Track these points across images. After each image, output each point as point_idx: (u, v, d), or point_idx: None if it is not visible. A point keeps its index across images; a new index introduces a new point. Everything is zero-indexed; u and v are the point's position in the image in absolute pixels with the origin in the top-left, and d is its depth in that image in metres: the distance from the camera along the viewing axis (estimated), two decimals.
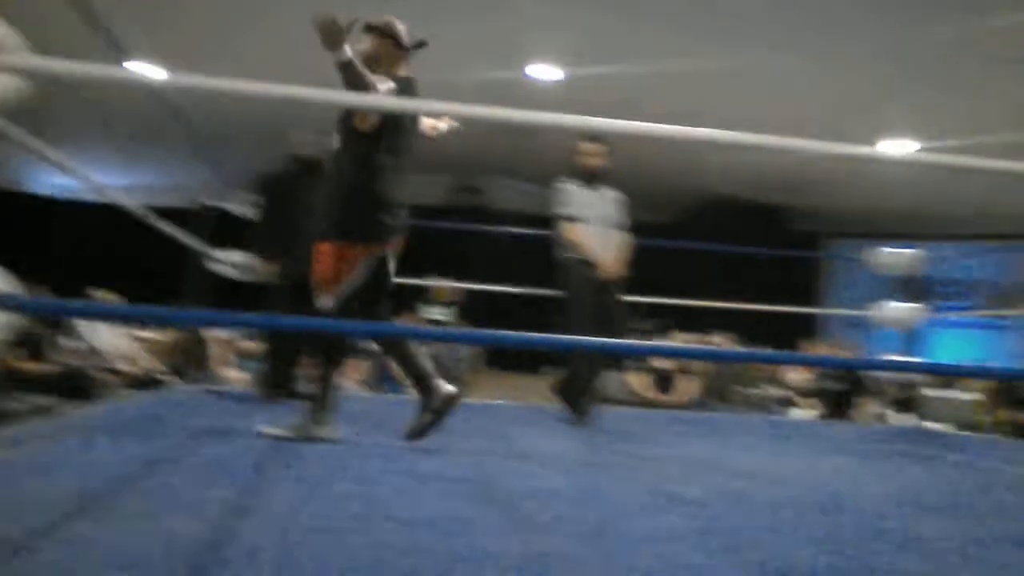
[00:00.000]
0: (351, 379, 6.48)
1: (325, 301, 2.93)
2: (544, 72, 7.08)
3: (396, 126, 2.94)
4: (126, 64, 5.54)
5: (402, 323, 6.55)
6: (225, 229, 4.87)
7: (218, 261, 4.81)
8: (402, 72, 3.01)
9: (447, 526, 1.66)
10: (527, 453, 3.00)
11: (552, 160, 9.97)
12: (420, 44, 3.05)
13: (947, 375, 6.95)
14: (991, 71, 6.25)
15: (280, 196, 4.34)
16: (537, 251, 8.33)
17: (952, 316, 9.32)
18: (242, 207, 4.83)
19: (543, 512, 1.87)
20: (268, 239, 4.32)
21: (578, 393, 4.24)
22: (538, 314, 4.95)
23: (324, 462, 2.42)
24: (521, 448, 3.16)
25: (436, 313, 7.06)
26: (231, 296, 3.83)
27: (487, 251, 9.50)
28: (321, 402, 2.93)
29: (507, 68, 7.03)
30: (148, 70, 5.09)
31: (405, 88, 2.94)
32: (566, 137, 4.35)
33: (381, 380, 6.63)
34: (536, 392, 8.46)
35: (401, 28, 3.03)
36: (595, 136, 4.23)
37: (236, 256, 4.75)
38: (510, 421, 4.20)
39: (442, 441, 2.87)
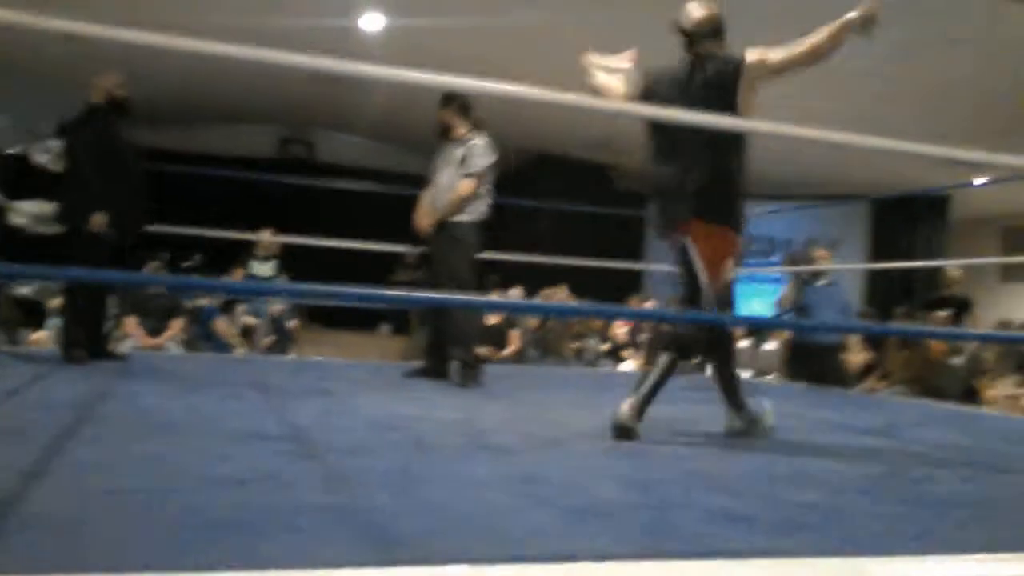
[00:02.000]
0: (168, 338, 6.20)
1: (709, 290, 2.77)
2: (372, 22, 6.93)
3: None
4: None
5: (230, 279, 6.33)
6: (26, 178, 4.51)
7: (19, 212, 4.46)
8: None
9: (260, 483, 1.63)
10: (351, 410, 2.99)
11: (384, 114, 9.89)
12: None
13: (753, 328, 7.45)
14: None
15: (91, 144, 4.02)
16: (371, 206, 8.25)
17: (758, 272, 9.97)
18: (45, 155, 4.48)
19: (359, 466, 1.88)
20: (82, 189, 3.99)
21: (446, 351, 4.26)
22: (374, 270, 4.92)
23: (130, 425, 2.32)
24: (345, 405, 3.14)
25: (260, 268, 6.85)
26: (30, 250, 3.57)
27: (318, 205, 9.28)
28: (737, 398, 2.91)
29: (337, 16, 6.83)
30: None
31: None
32: (400, 91, 4.28)
33: (201, 339, 6.38)
34: (374, 350, 8.43)
35: None
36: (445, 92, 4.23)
37: (39, 207, 4.41)
38: (337, 378, 4.16)
39: (260, 400, 2.81)
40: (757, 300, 10.21)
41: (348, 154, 11.14)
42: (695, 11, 2.87)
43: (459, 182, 4.18)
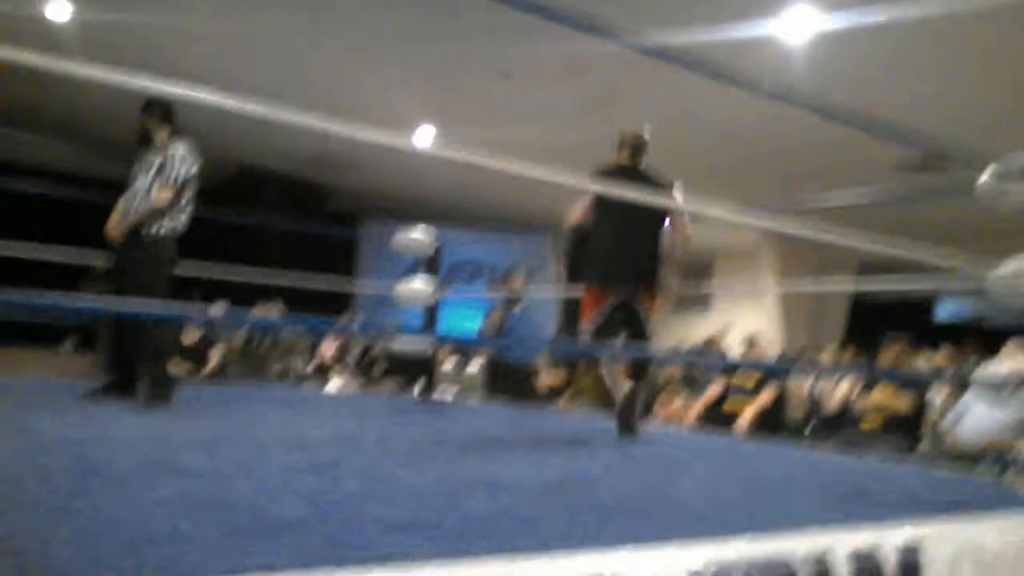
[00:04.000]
0: None
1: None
2: (57, 11, 6.34)
3: None
4: None
5: None
6: None
7: None
8: None
9: None
10: (22, 431, 2.69)
11: (71, 112, 9.03)
12: None
13: (458, 346, 7.70)
14: (493, 81, 7.14)
15: None
16: (54, 211, 7.49)
17: (463, 295, 10.34)
18: None
19: (19, 491, 1.69)
20: None
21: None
22: (56, 283, 4.49)
23: None
24: (17, 426, 2.82)
25: None
26: None
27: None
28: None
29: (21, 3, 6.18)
30: None
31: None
32: (87, 88, 3.96)
33: None
34: (55, 367, 7.61)
35: None
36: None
37: None
38: (7, 398, 3.73)
39: None
40: (466, 322, 10.57)
41: (28, 153, 10.06)
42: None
43: (156, 191, 3.95)
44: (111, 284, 4.07)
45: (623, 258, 3.97)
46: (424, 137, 8.45)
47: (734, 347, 8.52)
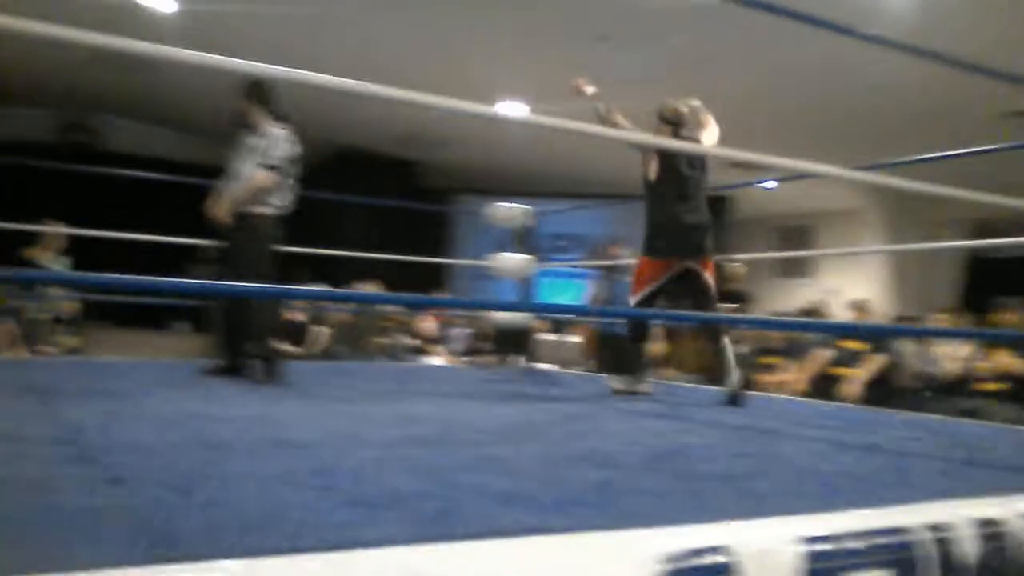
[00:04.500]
0: None
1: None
2: (164, 3, 6.56)
3: None
4: None
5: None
6: None
7: None
8: None
9: (28, 487, 1.51)
10: (135, 410, 2.82)
11: (177, 101, 9.37)
12: None
13: (556, 316, 7.69)
14: (587, 46, 7.03)
15: None
16: (163, 198, 7.80)
17: (558, 267, 10.31)
18: None
19: (139, 465, 1.77)
20: None
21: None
22: (167, 266, 4.68)
23: None
24: (129, 405, 2.96)
25: (51, 264, 6.33)
26: None
27: (107, 197, 8.68)
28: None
29: None
30: None
31: None
32: (192, 77, 4.09)
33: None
34: (169, 348, 7.98)
35: None
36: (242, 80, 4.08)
37: None
38: (124, 378, 3.91)
39: (34, 402, 2.59)
40: (564, 294, 10.57)
41: (138, 142, 10.49)
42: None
43: (256, 172, 4.05)
44: (217, 266, 4.20)
45: (684, 227, 4.13)
46: (515, 108, 8.43)
47: (839, 314, 8.25)
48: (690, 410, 3.86)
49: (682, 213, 4.13)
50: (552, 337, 8.29)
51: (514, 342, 6.24)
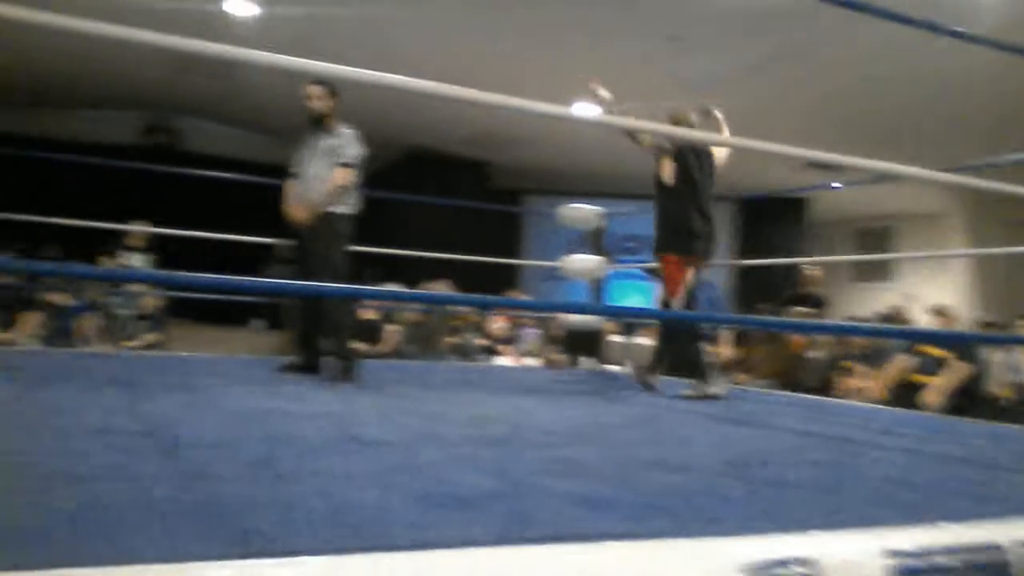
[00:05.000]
0: (23, 333, 5.86)
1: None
2: (241, 7, 6.71)
3: None
4: None
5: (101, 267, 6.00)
6: None
7: None
8: None
9: (111, 478, 1.55)
10: (214, 405, 2.89)
11: (255, 103, 9.59)
12: None
13: (628, 318, 7.61)
14: (656, 47, 6.97)
15: None
16: (240, 198, 7.98)
17: (631, 268, 10.22)
18: None
19: (218, 459, 1.81)
20: None
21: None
22: (242, 264, 4.79)
23: None
24: (209, 400, 3.04)
25: (134, 261, 6.54)
26: None
27: (186, 196, 8.93)
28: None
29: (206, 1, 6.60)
30: None
31: None
32: (269, 79, 4.16)
33: (60, 336, 6.06)
34: (245, 345, 8.16)
35: None
36: (318, 79, 4.10)
37: None
38: (203, 373, 4.01)
39: (118, 395, 2.67)
40: (634, 296, 10.48)
41: (216, 143, 10.77)
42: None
43: (335, 171, 4.10)
44: (294, 265, 4.26)
45: (712, 230, 4.42)
46: (585, 109, 8.38)
47: (920, 319, 7.99)
48: (763, 415, 3.78)
49: (711, 216, 4.42)
50: (622, 339, 8.21)
51: (585, 344, 6.20)
